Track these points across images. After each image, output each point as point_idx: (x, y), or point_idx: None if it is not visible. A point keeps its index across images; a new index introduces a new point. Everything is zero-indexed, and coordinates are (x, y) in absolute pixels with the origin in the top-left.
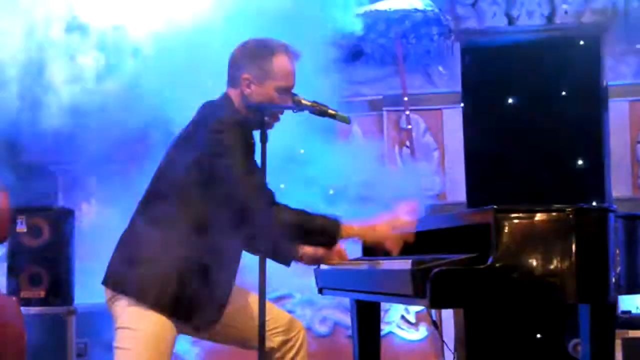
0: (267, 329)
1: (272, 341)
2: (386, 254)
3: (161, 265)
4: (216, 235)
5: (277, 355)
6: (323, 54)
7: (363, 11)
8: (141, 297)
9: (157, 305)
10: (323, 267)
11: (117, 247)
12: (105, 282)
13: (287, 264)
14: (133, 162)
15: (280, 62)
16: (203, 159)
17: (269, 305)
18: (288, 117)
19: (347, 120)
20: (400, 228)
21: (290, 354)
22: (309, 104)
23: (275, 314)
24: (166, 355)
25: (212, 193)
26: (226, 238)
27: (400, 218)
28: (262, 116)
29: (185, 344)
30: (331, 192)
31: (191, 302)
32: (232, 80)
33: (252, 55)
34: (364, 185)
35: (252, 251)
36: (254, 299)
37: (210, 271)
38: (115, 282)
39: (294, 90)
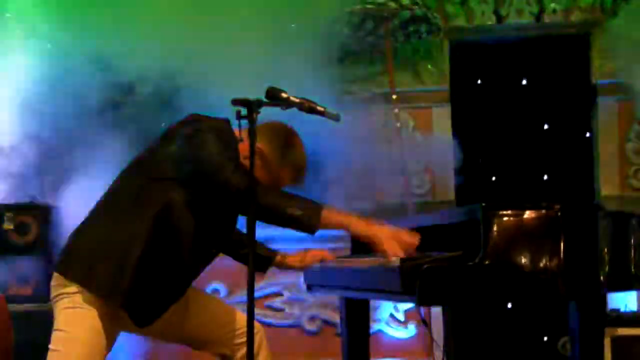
0: (219, 334)
1: (225, 346)
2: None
3: (120, 254)
4: (186, 228)
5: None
6: (312, 52)
7: (351, 9)
8: (90, 283)
9: (107, 292)
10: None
11: (78, 234)
12: (57, 268)
13: (263, 270)
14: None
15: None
16: (179, 144)
17: (221, 306)
18: None
19: (336, 118)
20: (404, 242)
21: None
22: (297, 101)
23: (229, 316)
24: (97, 355)
25: (186, 178)
26: (198, 234)
27: (404, 234)
28: (250, 112)
29: None
30: None
31: (144, 293)
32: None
33: (278, 140)
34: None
35: (234, 254)
36: (204, 298)
37: (171, 265)
38: (67, 267)
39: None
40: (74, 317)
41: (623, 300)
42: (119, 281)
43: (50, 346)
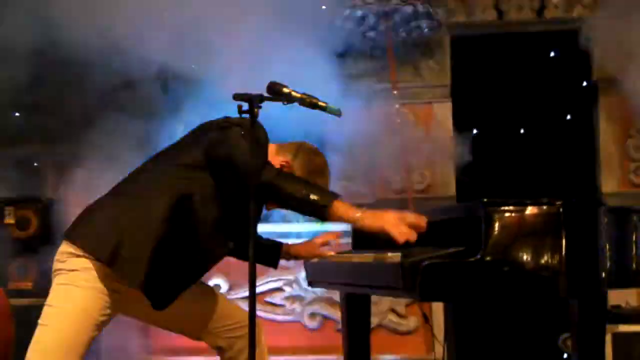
0: (215, 326)
1: (221, 338)
2: (380, 245)
3: (138, 234)
4: (206, 216)
5: (229, 354)
6: (313, 47)
7: (353, 5)
8: (112, 260)
9: (125, 271)
10: (313, 260)
11: (96, 209)
12: (68, 236)
13: (275, 266)
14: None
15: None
16: (211, 134)
17: (221, 299)
18: None
19: (337, 113)
20: (412, 223)
21: (245, 352)
22: (299, 96)
23: (227, 310)
24: (85, 335)
25: (214, 164)
26: (216, 224)
27: (409, 216)
28: (251, 107)
29: None
30: None
31: (161, 275)
32: (277, 151)
33: (309, 167)
34: None
35: (241, 255)
36: (203, 290)
37: (187, 250)
38: (86, 242)
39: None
40: (66, 294)
41: (624, 297)
42: (138, 262)
43: (39, 320)
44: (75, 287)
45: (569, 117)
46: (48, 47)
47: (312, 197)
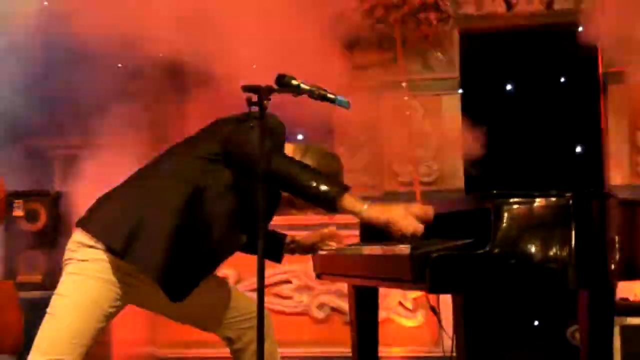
0: (226, 317)
1: (231, 329)
2: (388, 237)
3: (154, 225)
4: (220, 208)
5: (238, 345)
6: (322, 38)
7: None
8: (126, 251)
9: (141, 262)
10: (321, 252)
11: (110, 198)
12: (82, 225)
13: (278, 260)
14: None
15: None
16: (229, 127)
17: (232, 291)
18: None
19: (346, 105)
20: (418, 215)
21: (254, 344)
22: (308, 88)
23: (237, 302)
24: (92, 326)
25: (230, 155)
26: (231, 217)
27: (416, 207)
28: (260, 99)
29: None
30: None
31: (177, 267)
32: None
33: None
34: None
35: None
36: (214, 281)
37: (202, 242)
38: (100, 231)
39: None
40: (76, 285)
41: (632, 290)
42: (152, 254)
43: (48, 309)
44: (85, 277)
45: (577, 110)
46: (58, 41)
47: (322, 188)
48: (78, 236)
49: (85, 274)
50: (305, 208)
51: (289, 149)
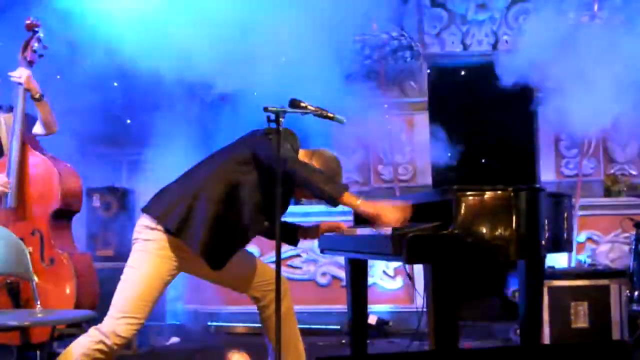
0: (254, 281)
1: (257, 291)
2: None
3: (198, 211)
4: (250, 200)
5: (263, 303)
6: (328, 71)
7: (354, 39)
8: (179, 232)
9: (190, 241)
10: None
11: (169, 189)
12: (147, 211)
13: (295, 244)
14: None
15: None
16: (257, 139)
17: (258, 262)
18: None
19: (342, 121)
20: (400, 211)
21: (274, 304)
22: (313, 109)
23: (261, 270)
24: (155, 290)
25: (259, 161)
26: (257, 207)
27: (399, 205)
28: (277, 117)
29: None
30: None
31: (216, 243)
32: (306, 154)
33: (328, 166)
34: None
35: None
36: (247, 255)
37: (235, 224)
38: (160, 215)
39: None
40: (142, 259)
41: (557, 260)
42: (199, 234)
43: (122, 276)
44: (149, 253)
45: (517, 125)
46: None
47: (327, 188)
48: (143, 220)
49: (149, 251)
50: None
51: (301, 152)
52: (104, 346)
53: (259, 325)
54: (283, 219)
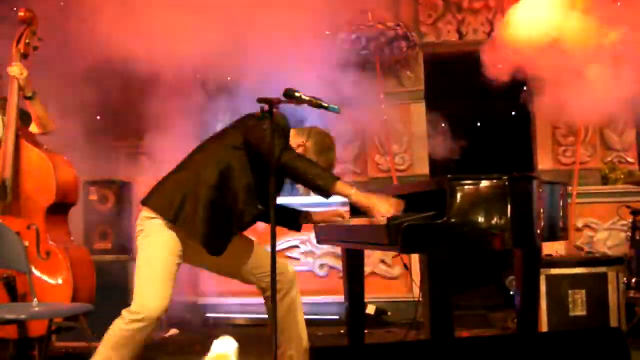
0: (258, 272)
1: (262, 282)
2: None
3: (193, 196)
4: (242, 182)
5: (268, 293)
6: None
7: (349, 30)
8: (177, 219)
9: (188, 228)
10: (321, 224)
11: (165, 180)
12: (146, 203)
13: (297, 229)
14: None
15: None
16: (247, 123)
17: (263, 253)
18: None
19: (337, 111)
20: (393, 204)
21: (282, 293)
22: (307, 98)
23: (266, 261)
24: (172, 268)
25: (249, 146)
26: (249, 189)
27: (392, 199)
28: (271, 108)
29: None
30: None
31: (213, 230)
32: (296, 133)
33: (318, 144)
34: None
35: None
36: (251, 246)
37: (229, 208)
38: (157, 205)
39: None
40: (149, 243)
41: (554, 248)
42: (195, 219)
43: (137, 263)
44: (154, 235)
45: (514, 114)
46: (123, 66)
47: (319, 181)
48: (143, 212)
49: (154, 233)
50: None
51: (293, 132)
52: (139, 323)
53: (258, 316)
54: (286, 204)
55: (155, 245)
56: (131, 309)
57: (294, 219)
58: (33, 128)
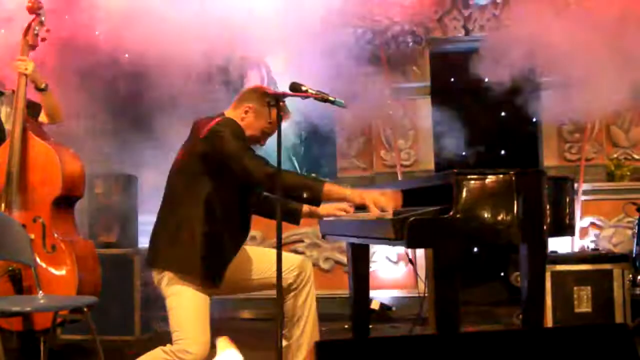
0: (268, 274)
1: (289, 278)
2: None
3: (187, 238)
4: (227, 208)
5: (294, 286)
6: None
7: (356, 25)
8: (180, 272)
9: (192, 277)
10: (326, 218)
11: (155, 233)
12: (152, 264)
13: (297, 223)
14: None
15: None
16: (208, 144)
17: (264, 253)
18: None
19: (343, 105)
20: (390, 197)
21: (301, 285)
22: (313, 92)
23: (288, 259)
24: (205, 314)
25: (219, 172)
26: (235, 209)
27: (387, 194)
28: (277, 104)
29: None
30: None
31: (214, 268)
32: (236, 106)
33: (261, 98)
34: None
35: (266, 214)
36: (244, 254)
37: (224, 235)
38: (159, 262)
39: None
40: (180, 306)
41: (560, 244)
42: (193, 261)
43: (174, 328)
44: (182, 297)
45: (521, 109)
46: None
47: (305, 194)
48: (154, 275)
49: (180, 296)
50: None
51: (233, 106)
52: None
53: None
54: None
55: (183, 299)
56: (174, 349)
57: (294, 214)
58: (42, 118)
